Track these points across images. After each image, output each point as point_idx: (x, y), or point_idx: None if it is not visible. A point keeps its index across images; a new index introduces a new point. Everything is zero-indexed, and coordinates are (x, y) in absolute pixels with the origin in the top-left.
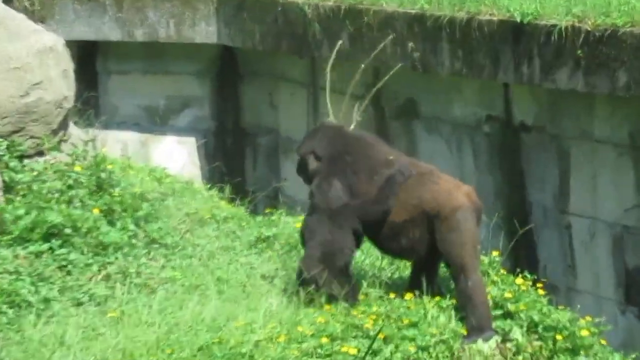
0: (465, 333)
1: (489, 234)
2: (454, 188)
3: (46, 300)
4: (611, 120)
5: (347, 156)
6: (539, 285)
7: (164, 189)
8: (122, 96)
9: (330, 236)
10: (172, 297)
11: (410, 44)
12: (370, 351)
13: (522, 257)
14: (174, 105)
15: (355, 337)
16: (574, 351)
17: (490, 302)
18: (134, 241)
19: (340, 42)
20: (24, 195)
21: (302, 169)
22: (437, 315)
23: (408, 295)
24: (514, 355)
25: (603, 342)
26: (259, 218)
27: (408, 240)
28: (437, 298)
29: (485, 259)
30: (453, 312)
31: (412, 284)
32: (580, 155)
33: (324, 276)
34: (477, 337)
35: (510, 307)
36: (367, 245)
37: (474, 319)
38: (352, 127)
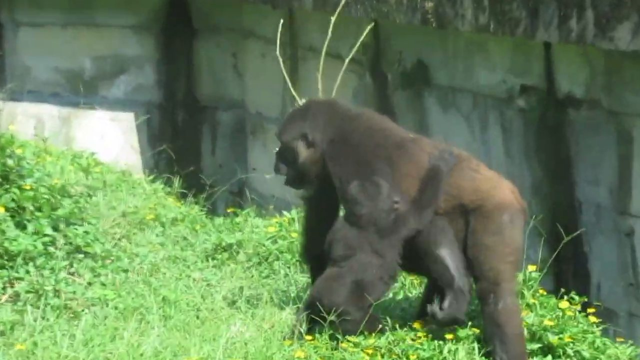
0: None
1: (524, 242)
2: (498, 180)
3: None
4: None
5: (365, 140)
6: (590, 310)
7: (91, 182)
8: (36, 57)
9: (375, 259)
10: (102, 324)
11: None
12: None
13: (568, 273)
14: (105, 69)
15: None
16: None
17: (526, 333)
18: (51, 249)
19: None
20: None
21: (286, 160)
22: (454, 349)
23: (418, 324)
24: None
25: None
26: (219, 220)
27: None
28: (456, 327)
29: (519, 276)
30: (476, 345)
31: (426, 307)
32: None
33: (353, 311)
34: None
35: (552, 339)
36: None
37: (504, 354)
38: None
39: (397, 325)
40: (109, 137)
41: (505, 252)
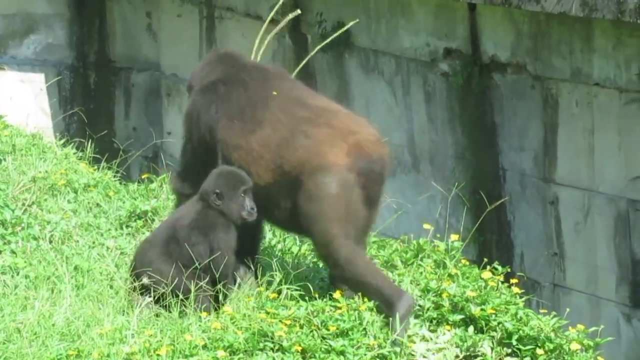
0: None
1: (447, 211)
2: (330, 138)
3: None
4: (615, 57)
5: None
6: (513, 281)
7: (0, 145)
8: None
9: None
10: (12, 294)
11: None
12: None
13: (491, 243)
14: (14, 27)
15: (263, 349)
16: None
17: (447, 303)
18: None
19: None
20: None
21: None
22: (375, 321)
23: (338, 293)
24: None
25: (601, 359)
26: (133, 186)
27: (281, 212)
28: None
29: (441, 245)
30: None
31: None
32: (573, 104)
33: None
34: (398, 311)
35: (475, 310)
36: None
37: (379, 295)
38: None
39: (316, 296)
40: (18, 98)
41: (330, 216)
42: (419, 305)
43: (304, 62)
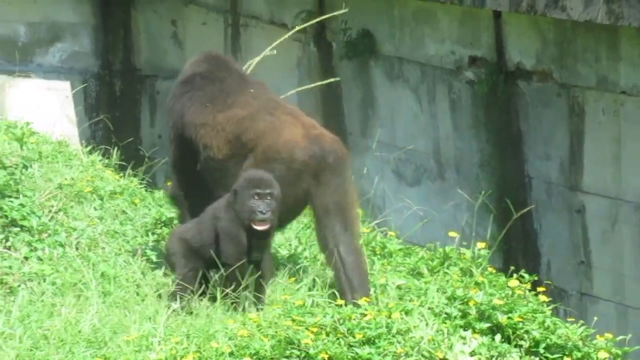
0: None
1: (473, 219)
2: (292, 122)
3: None
4: None
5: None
6: (540, 289)
7: (27, 153)
8: None
9: None
10: (39, 300)
11: None
12: None
13: (518, 251)
14: (40, 36)
15: (289, 356)
16: None
17: (474, 311)
18: None
19: None
20: None
21: None
22: (405, 329)
23: (364, 300)
24: None
25: None
26: (159, 193)
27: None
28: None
29: (467, 253)
30: (432, 321)
31: None
32: (600, 112)
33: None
34: None
35: (502, 319)
36: (306, 233)
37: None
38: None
39: (342, 303)
40: (45, 106)
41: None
42: (446, 313)
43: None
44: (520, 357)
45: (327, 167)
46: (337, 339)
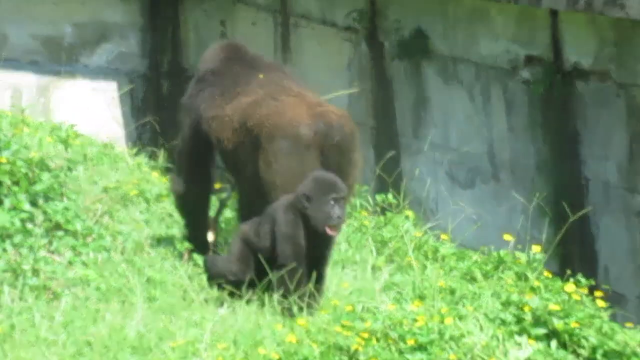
0: None
1: (528, 222)
2: (296, 103)
3: None
4: None
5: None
6: (597, 294)
7: (72, 155)
8: (12, 22)
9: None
10: (83, 306)
11: None
12: None
13: (574, 255)
14: (87, 36)
15: None
16: None
17: (529, 316)
18: (29, 226)
19: None
20: None
21: None
22: (458, 334)
23: (416, 304)
24: None
25: None
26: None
27: (246, 179)
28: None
29: (522, 257)
30: (486, 326)
31: None
32: None
33: None
34: None
35: (557, 324)
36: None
37: None
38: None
39: (393, 308)
40: (90, 108)
41: (276, 182)
42: (501, 319)
43: None
44: None
45: (334, 145)
46: (388, 345)
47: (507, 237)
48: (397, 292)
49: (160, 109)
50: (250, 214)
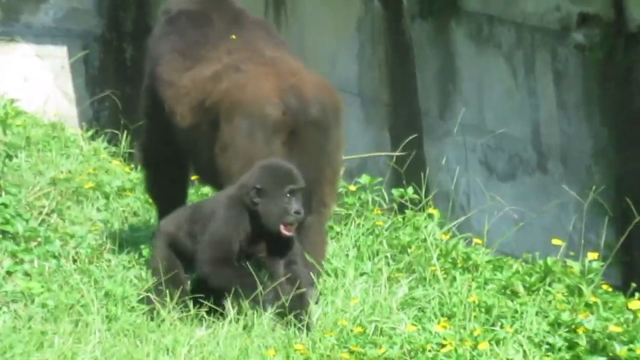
0: None
1: (582, 222)
2: (263, 74)
3: None
4: None
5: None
6: None
7: (11, 138)
8: None
9: None
10: (25, 327)
11: None
12: None
13: None
14: None
15: None
16: None
17: (584, 341)
18: None
19: None
20: None
21: None
22: None
23: (443, 324)
24: None
25: None
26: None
27: (203, 164)
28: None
29: (575, 266)
30: (530, 352)
31: None
32: None
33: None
34: None
35: (620, 351)
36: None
37: None
38: None
39: (414, 330)
40: (35, 78)
41: (231, 170)
42: (548, 344)
43: None
44: None
45: (309, 123)
46: None
47: (556, 241)
48: (419, 310)
49: (122, 80)
50: None
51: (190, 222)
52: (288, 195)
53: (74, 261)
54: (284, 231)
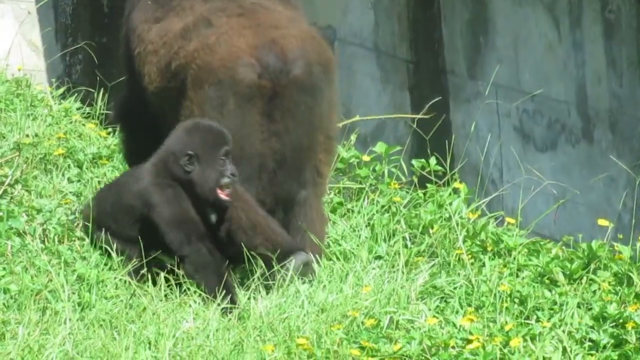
0: None
1: (634, 200)
2: (237, 29)
3: None
4: None
5: None
6: None
7: None
8: None
9: None
10: None
11: None
12: None
13: None
14: None
15: None
16: None
17: (633, 337)
18: None
19: None
20: None
21: None
22: None
23: (469, 317)
24: None
25: None
26: None
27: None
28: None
29: (624, 251)
30: (571, 350)
31: None
32: None
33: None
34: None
35: None
36: (382, 219)
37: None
38: None
39: (434, 323)
40: None
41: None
42: (592, 340)
43: None
44: None
45: (292, 84)
46: None
47: (603, 222)
48: (442, 300)
49: (98, 29)
50: None
51: (111, 204)
52: (223, 157)
53: (42, 241)
54: (222, 196)
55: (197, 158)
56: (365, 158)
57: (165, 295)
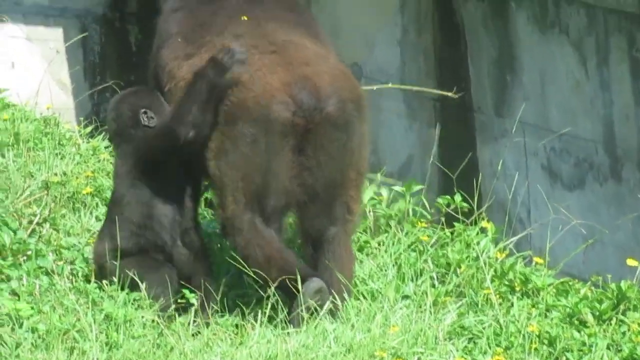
0: None
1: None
2: (270, 66)
3: None
4: None
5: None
6: None
7: None
8: None
9: None
10: (11, 356)
11: None
12: None
13: None
14: None
15: None
16: None
17: None
18: None
19: None
20: None
21: None
22: None
23: (497, 358)
24: None
25: None
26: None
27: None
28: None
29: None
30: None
31: None
32: None
33: None
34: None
35: None
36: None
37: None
38: None
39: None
40: (24, 65)
41: (228, 182)
42: None
43: None
44: None
45: (325, 120)
46: None
47: (632, 261)
48: (470, 340)
49: (125, 68)
50: None
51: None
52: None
53: (69, 279)
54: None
55: (151, 110)
56: (383, 198)
57: (193, 335)
